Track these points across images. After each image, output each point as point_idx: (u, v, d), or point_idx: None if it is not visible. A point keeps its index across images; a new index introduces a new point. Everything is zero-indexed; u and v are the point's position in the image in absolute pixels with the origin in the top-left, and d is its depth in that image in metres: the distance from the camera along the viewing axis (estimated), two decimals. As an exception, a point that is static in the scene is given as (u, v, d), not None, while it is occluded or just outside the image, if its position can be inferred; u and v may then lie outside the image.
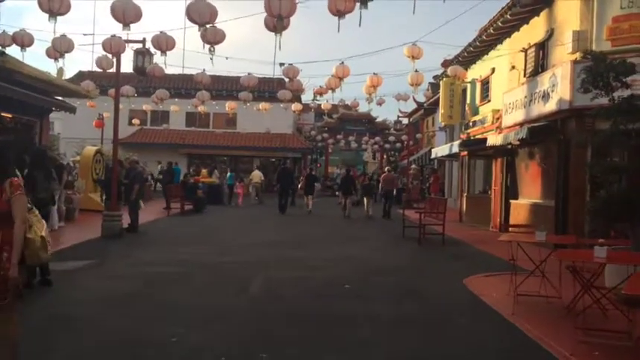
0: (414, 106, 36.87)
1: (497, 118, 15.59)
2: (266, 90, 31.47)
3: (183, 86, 31.83)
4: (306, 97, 32.37)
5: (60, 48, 10.25)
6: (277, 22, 7.29)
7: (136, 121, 31.88)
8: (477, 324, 6.04)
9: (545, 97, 11.93)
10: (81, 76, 31.05)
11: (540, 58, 13.12)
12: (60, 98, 16.32)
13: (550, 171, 12.43)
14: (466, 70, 17.36)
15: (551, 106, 11.65)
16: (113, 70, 12.49)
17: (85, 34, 11.43)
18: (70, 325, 5.56)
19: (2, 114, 13.59)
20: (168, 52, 9.64)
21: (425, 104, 32.89)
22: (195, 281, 7.87)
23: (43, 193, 9.07)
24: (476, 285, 7.89)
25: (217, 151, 35.14)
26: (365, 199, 20.07)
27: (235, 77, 21.21)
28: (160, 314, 6.03)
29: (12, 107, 13.64)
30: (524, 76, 13.79)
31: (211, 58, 8.52)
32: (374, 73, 13.61)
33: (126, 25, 8.00)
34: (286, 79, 12.63)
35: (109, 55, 11.49)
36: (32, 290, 6.61)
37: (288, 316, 6.10)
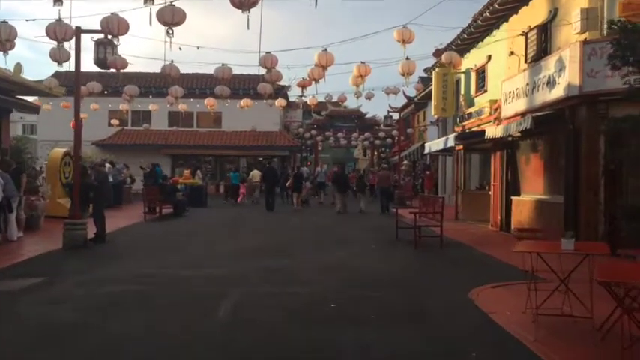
0: (405, 100, 35.82)
1: (496, 109, 14.49)
2: (250, 87, 30.23)
3: (164, 85, 30.51)
4: (292, 93, 31.14)
5: (0, 36, 8.97)
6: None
7: (115, 121, 30.52)
8: (491, 356, 4.89)
9: (551, 82, 10.83)
10: (57, 76, 29.71)
11: (543, 42, 12.01)
12: (23, 97, 14.99)
13: (557, 164, 11.35)
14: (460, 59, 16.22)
15: (557, 92, 10.56)
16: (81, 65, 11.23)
17: (27, 20, 10.02)
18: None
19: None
20: (121, 38, 8.41)
21: (415, 98, 31.82)
22: (156, 303, 6.65)
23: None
24: (484, 300, 6.75)
25: (202, 151, 33.86)
26: (358, 196, 20.95)
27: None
28: (99, 356, 4.82)
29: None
30: (525, 61, 12.69)
31: (170, 41, 7.31)
32: (361, 62, 12.43)
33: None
34: (264, 70, 11.45)
35: (65, 46, 10.21)
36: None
37: (258, 350, 4.93)
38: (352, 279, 8.18)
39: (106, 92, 18.12)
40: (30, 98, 22.12)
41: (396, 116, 42.23)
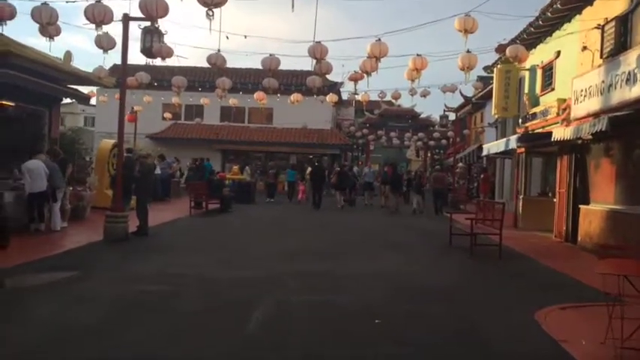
0: (461, 100, 34.48)
1: (564, 109, 13.29)
2: (302, 83, 29.69)
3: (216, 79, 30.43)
4: (344, 90, 30.42)
5: (41, 19, 8.69)
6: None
7: (168, 114, 30.66)
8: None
9: (631, 80, 9.66)
10: (115, 69, 30.16)
11: (622, 34, 10.81)
12: (73, 87, 14.93)
13: (636, 170, 10.16)
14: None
15: (638, 90, 9.39)
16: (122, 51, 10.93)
17: (67, 1, 9.74)
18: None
19: (3, 102, 12.24)
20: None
21: (473, 98, 30.48)
22: (183, 308, 6.10)
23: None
24: (553, 323, 5.84)
25: (252, 147, 33.65)
26: (412, 196, 21.24)
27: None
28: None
29: (15, 95, 12.31)
30: (601, 57, 11.48)
31: (210, 25, 6.76)
32: (417, 55, 11.56)
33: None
34: (313, 61, 10.79)
35: (108, 33, 9.86)
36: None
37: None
38: (400, 290, 7.40)
39: (156, 84, 17.99)
40: (86, 89, 22.42)
41: (452, 116, 40.92)
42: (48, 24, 8.99)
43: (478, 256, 10.27)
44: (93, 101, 30.50)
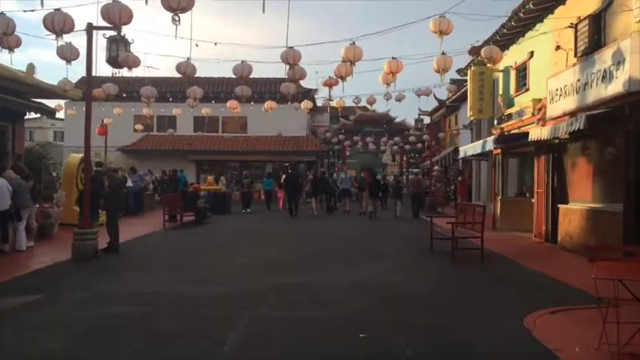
0: (435, 104, 34.59)
1: (540, 109, 13.25)
2: (276, 90, 29.39)
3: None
4: (319, 96, 30.23)
5: (-3, 29, 8.21)
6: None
7: (139, 126, 29.98)
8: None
9: (607, 77, 9.61)
10: (83, 81, 29.41)
11: (595, 32, 10.78)
12: (37, 100, 14.38)
13: (613, 168, 10.11)
14: (498, 56, 14.99)
15: (615, 88, 9.33)
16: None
17: (25, 11, 9.26)
18: None
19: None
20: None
21: (447, 101, 30.59)
22: (154, 331, 5.72)
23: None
24: (543, 329, 5.62)
25: (227, 157, 33.13)
26: (393, 201, 21.46)
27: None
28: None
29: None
30: (575, 55, 11.45)
31: (176, 30, 6.44)
32: (392, 58, 11.36)
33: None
34: (286, 67, 10.49)
35: (72, 43, 9.43)
36: None
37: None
38: (384, 300, 7.13)
39: (125, 95, 17.46)
40: (53, 103, 21.73)
41: (426, 120, 41.01)
42: (4, 34, 8.51)
43: (460, 260, 10.08)
44: (61, 115, 29.80)
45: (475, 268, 9.67)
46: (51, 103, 21.40)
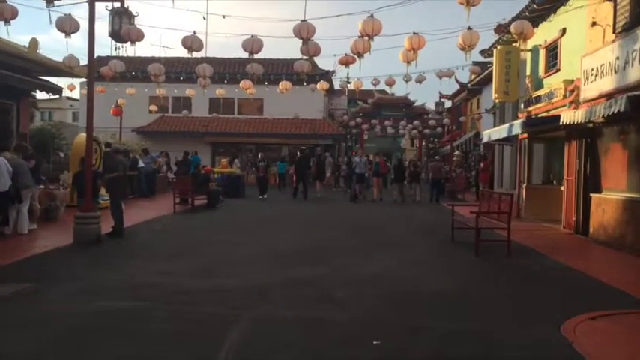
0: (456, 87, 33.54)
1: (572, 91, 12.35)
2: (293, 72, 28.59)
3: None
4: (337, 78, 29.35)
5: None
6: None
7: (153, 107, 29.48)
8: None
9: (651, 55, 8.72)
10: (98, 62, 28.84)
11: (637, 6, 9.84)
12: (44, 78, 13.87)
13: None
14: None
15: (661, 66, 8.46)
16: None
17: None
18: None
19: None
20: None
21: (469, 84, 29.54)
22: (146, 331, 5.13)
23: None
24: (585, 340, 4.90)
25: (242, 139, 32.53)
26: (413, 185, 21.32)
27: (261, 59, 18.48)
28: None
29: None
30: (614, 32, 10.52)
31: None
32: (414, 33, 10.54)
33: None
34: (299, 40, 9.72)
35: (71, 15, 8.82)
36: None
37: None
38: (401, 299, 6.45)
39: (139, 75, 16.87)
40: (64, 82, 21.26)
41: (447, 104, 39.92)
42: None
43: (484, 253, 9.32)
44: (76, 95, 29.43)
45: (502, 263, 8.93)
46: (63, 82, 21.00)
